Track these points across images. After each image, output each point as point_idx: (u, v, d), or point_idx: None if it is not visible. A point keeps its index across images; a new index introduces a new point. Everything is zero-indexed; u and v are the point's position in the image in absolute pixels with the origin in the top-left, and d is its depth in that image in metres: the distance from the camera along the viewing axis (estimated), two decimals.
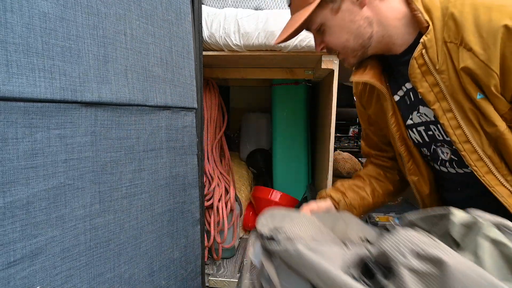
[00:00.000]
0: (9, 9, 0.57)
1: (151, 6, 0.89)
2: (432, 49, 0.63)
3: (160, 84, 0.93)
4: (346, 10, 0.67)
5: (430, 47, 0.63)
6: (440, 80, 0.64)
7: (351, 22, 0.68)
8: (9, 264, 0.59)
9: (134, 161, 0.86)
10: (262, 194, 1.68)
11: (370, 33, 0.69)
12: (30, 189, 0.62)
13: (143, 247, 0.90)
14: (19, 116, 0.60)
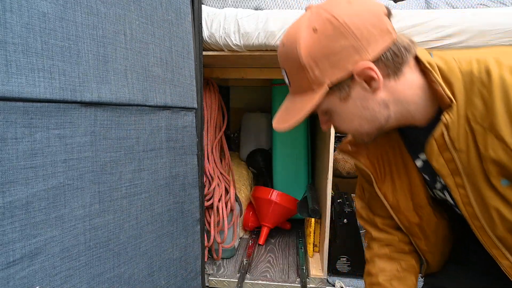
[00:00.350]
0: (8, 9, 0.57)
1: (151, 6, 0.89)
2: (454, 129, 0.56)
3: (160, 84, 0.93)
4: (357, 98, 0.59)
5: (453, 127, 0.56)
6: (457, 158, 0.58)
7: (364, 108, 0.60)
8: (9, 264, 0.59)
9: (134, 161, 0.86)
10: (262, 194, 1.68)
11: (387, 115, 0.61)
12: (29, 189, 0.62)
13: (143, 247, 0.90)
14: (18, 116, 0.60)
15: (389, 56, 0.56)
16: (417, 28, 1.12)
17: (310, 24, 0.56)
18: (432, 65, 0.57)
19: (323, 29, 0.55)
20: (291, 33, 0.59)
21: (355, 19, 0.54)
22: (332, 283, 1.35)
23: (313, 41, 0.56)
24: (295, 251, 1.62)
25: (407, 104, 0.60)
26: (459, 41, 1.10)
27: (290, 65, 0.60)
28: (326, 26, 0.55)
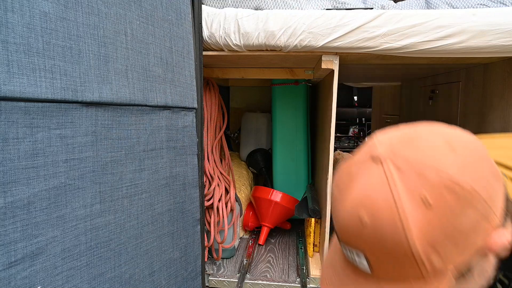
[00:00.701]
0: (10, 9, 0.57)
1: (151, 6, 0.89)
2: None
3: (160, 84, 0.93)
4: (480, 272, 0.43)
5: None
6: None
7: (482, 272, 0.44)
8: (10, 264, 0.59)
9: (134, 161, 0.86)
10: (262, 194, 1.68)
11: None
12: (31, 189, 0.62)
13: (143, 247, 0.90)
14: (20, 116, 0.60)
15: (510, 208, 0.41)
16: (417, 28, 1.12)
17: (413, 194, 0.38)
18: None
19: (443, 201, 0.37)
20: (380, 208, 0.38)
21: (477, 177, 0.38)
22: None
23: (428, 221, 0.37)
24: (295, 251, 1.62)
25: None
26: (459, 41, 1.10)
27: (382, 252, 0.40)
28: (444, 195, 0.37)
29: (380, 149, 0.40)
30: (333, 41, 1.16)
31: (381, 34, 1.13)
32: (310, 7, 1.29)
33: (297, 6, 1.28)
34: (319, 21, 1.15)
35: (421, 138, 0.41)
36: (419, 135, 0.41)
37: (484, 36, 1.09)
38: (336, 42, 1.16)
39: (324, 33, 1.15)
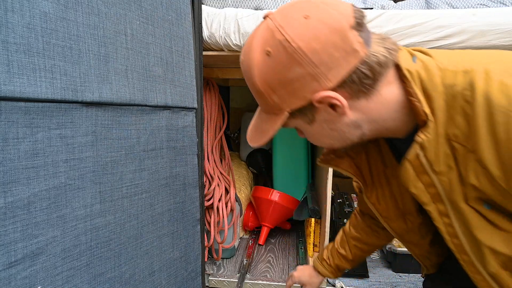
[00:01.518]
0: (10, 9, 0.57)
1: (151, 6, 0.89)
2: (431, 149, 0.50)
3: (160, 84, 0.93)
4: (324, 121, 0.53)
5: (429, 147, 0.50)
6: (438, 181, 0.51)
7: (332, 130, 0.55)
8: (10, 264, 0.59)
9: (134, 161, 0.86)
10: (262, 194, 1.68)
11: (359, 134, 0.55)
12: (31, 189, 0.62)
13: (143, 247, 0.90)
14: (20, 116, 0.60)
15: (355, 79, 0.48)
16: (417, 28, 1.12)
17: (264, 45, 0.49)
18: (412, 73, 0.50)
19: (277, 54, 0.48)
20: (246, 52, 0.53)
21: (313, 42, 0.46)
22: (332, 283, 1.35)
23: (267, 67, 0.50)
24: (295, 251, 1.62)
25: (383, 122, 0.53)
26: (459, 41, 1.10)
27: (250, 86, 0.56)
28: (279, 51, 0.48)
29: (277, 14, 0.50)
30: None
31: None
32: None
33: None
34: None
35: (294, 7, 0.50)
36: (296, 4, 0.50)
37: (484, 36, 1.09)
38: None
39: None
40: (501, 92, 0.42)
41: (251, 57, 0.51)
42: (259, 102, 0.58)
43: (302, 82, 0.48)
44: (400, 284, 1.34)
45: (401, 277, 1.39)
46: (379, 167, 0.67)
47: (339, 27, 0.46)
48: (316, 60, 0.46)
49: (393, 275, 1.42)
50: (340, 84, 0.48)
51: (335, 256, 0.94)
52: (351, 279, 1.37)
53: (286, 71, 0.48)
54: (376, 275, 1.41)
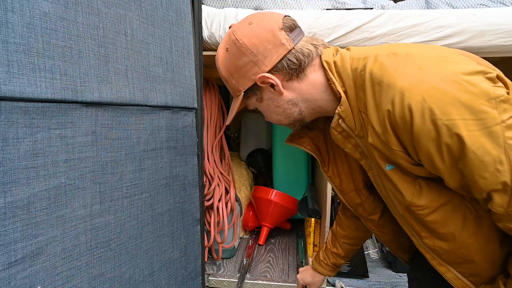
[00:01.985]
0: (10, 9, 0.57)
1: (151, 6, 0.89)
2: (348, 118, 0.64)
3: (160, 84, 0.93)
4: (268, 99, 0.71)
5: (346, 117, 0.64)
6: (361, 143, 0.66)
7: (276, 107, 0.71)
8: (10, 264, 0.59)
9: (134, 161, 0.86)
10: (262, 194, 1.68)
11: (298, 111, 0.71)
12: (31, 189, 0.62)
13: (143, 247, 0.90)
14: (20, 116, 0.60)
15: (285, 64, 0.65)
16: (417, 28, 1.12)
17: (225, 44, 0.70)
18: (329, 63, 0.65)
19: (231, 49, 0.68)
20: (217, 52, 0.73)
21: (253, 38, 0.65)
22: (332, 283, 1.35)
23: (226, 59, 0.70)
24: (295, 251, 1.62)
25: (315, 100, 0.69)
26: (459, 41, 1.10)
27: (220, 75, 0.74)
28: (232, 47, 0.68)
29: (235, 25, 0.70)
30: (333, 41, 1.16)
31: (381, 34, 1.13)
32: (310, 7, 1.29)
33: (297, 6, 1.28)
34: (319, 21, 1.15)
35: (245, 18, 0.70)
36: (247, 17, 0.70)
37: (484, 36, 1.09)
38: (336, 42, 1.16)
39: (324, 33, 1.15)
40: (379, 68, 0.57)
41: (218, 54, 0.73)
42: (228, 88, 0.75)
43: (248, 67, 0.67)
44: (400, 284, 1.34)
45: (401, 277, 1.39)
46: (334, 145, 0.80)
47: (270, 28, 0.66)
48: (255, 51, 0.66)
49: (393, 275, 1.42)
50: (274, 68, 0.66)
51: (329, 255, 1.05)
52: (351, 279, 1.37)
53: (237, 60, 0.68)
54: (376, 275, 1.41)
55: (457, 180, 0.56)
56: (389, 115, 0.55)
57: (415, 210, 0.63)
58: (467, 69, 0.53)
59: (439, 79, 0.52)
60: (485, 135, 0.50)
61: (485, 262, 0.62)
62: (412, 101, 0.52)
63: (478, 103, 0.50)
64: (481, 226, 0.61)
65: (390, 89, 0.55)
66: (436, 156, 0.54)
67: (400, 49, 0.60)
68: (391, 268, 1.46)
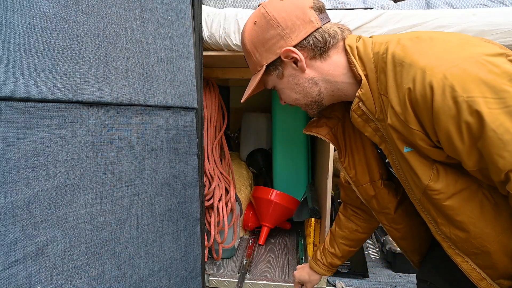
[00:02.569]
0: (10, 9, 0.57)
1: (151, 6, 0.89)
2: (369, 101, 0.65)
3: (160, 84, 0.93)
4: (290, 75, 0.71)
5: (366, 100, 0.65)
6: (381, 127, 0.66)
7: (296, 84, 0.72)
8: (10, 264, 0.59)
9: (134, 161, 0.86)
10: (262, 194, 1.68)
11: (317, 91, 0.72)
12: (31, 189, 0.62)
13: (143, 247, 0.90)
14: (20, 116, 0.60)
15: (311, 41, 0.67)
16: (417, 28, 1.12)
17: (253, 18, 0.71)
18: (352, 47, 0.66)
19: (259, 22, 0.69)
20: (244, 26, 0.74)
21: (283, 13, 0.67)
22: (332, 283, 1.35)
23: (254, 31, 0.71)
24: (295, 251, 1.62)
25: (335, 82, 0.70)
26: None
27: (244, 51, 0.75)
28: (261, 20, 0.69)
29: (265, 1, 0.71)
30: None
31: (381, 34, 1.13)
32: None
33: None
34: None
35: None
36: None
37: (484, 36, 1.09)
38: None
39: None
40: (402, 50, 0.58)
41: (244, 28, 0.74)
42: (249, 64, 0.76)
43: (274, 40, 0.68)
44: (400, 284, 1.34)
45: (401, 277, 1.40)
46: (356, 136, 0.81)
47: (301, 5, 0.67)
48: (284, 24, 0.67)
49: (393, 275, 1.42)
50: (299, 44, 0.67)
51: (327, 255, 1.06)
52: (351, 279, 1.37)
53: (264, 33, 0.69)
54: (376, 275, 1.41)
55: (475, 161, 0.55)
56: (410, 93, 0.56)
57: (431, 194, 0.62)
58: (490, 51, 0.53)
59: (462, 59, 0.53)
60: (506, 114, 0.50)
61: (502, 254, 0.61)
62: (433, 79, 0.53)
63: (500, 83, 0.50)
64: (499, 216, 0.60)
65: (412, 68, 0.55)
66: (456, 135, 0.54)
67: (423, 33, 0.61)
68: (391, 268, 1.46)
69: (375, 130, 0.69)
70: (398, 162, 0.67)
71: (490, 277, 0.63)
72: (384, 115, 0.63)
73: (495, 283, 0.63)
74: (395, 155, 0.67)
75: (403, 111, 0.58)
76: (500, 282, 0.63)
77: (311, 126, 0.84)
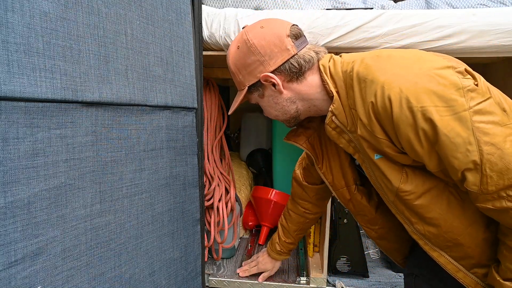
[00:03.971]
0: (10, 9, 0.57)
1: (151, 6, 0.89)
2: (340, 115, 0.71)
3: (160, 84, 0.93)
4: (269, 96, 0.79)
5: (339, 114, 0.71)
6: (353, 138, 0.72)
7: (276, 103, 0.80)
8: (10, 264, 0.59)
9: (134, 161, 0.86)
10: (262, 194, 1.68)
11: (295, 108, 0.79)
12: (31, 189, 0.62)
13: (143, 247, 0.90)
14: (20, 116, 0.60)
15: (287, 67, 0.74)
16: (417, 28, 1.12)
17: (237, 43, 0.78)
18: (325, 66, 0.74)
19: (242, 47, 0.76)
20: (229, 48, 0.81)
21: (262, 41, 0.74)
22: (332, 283, 1.35)
23: (236, 55, 0.78)
24: (295, 251, 1.62)
25: (311, 100, 0.77)
26: (459, 41, 1.10)
27: (229, 71, 0.82)
28: (243, 45, 0.76)
29: (248, 26, 0.78)
30: (333, 41, 1.16)
31: (381, 34, 1.13)
32: (310, 7, 1.29)
33: (297, 6, 1.28)
34: (319, 21, 1.15)
35: (257, 22, 0.78)
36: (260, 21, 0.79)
37: (484, 36, 1.09)
38: (336, 42, 1.16)
39: (324, 33, 1.15)
40: (364, 68, 0.65)
41: (229, 50, 0.81)
42: (234, 81, 0.83)
43: (254, 66, 0.75)
44: (400, 284, 1.34)
45: (401, 277, 1.39)
46: (331, 144, 0.87)
47: (279, 34, 0.74)
48: (263, 52, 0.74)
49: (393, 275, 1.42)
50: (277, 69, 0.74)
51: (285, 245, 1.22)
52: (351, 279, 1.37)
53: (246, 58, 0.76)
54: (376, 275, 1.41)
55: (435, 163, 0.62)
56: (373, 106, 0.62)
57: (403, 195, 0.68)
58: (439, 65, 0.60)
59: (415, 74, 0.60)
60: (455, 120, 0.57)
61: (473, 245, 0.67)
62: (391, 92, 0.59)
63: (448, 93, 0.57)
64: (465, 210, 0.66)
65: (373, 84, 0.62)
66: (415, 141, 0.60)
67: (383, 52, 0.68)
68: (391, 268, 1.46)
69: (348, 142, 0.75)
70: (371, 170, 0.74)
71: (465, 268, 0.69)
72: (355, 127, 0.69)
73: (470, 272, 0.69)
74: (368, 163, 0.73)
75: (369, 122, 0.64)
76: (475, 271, 0.69)
77: (290, 135, 0.92)
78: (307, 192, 1.10)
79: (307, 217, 1.15)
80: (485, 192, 0.58)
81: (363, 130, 0.67)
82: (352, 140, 0.73)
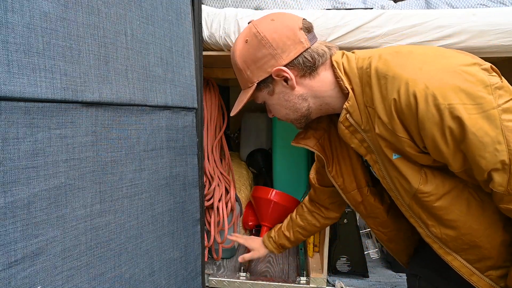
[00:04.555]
0: (10, 9, 0.57)
1: (151, 6, 0.89)
2: (355, 113, 0.68)
3: (160, 84, 0.93)
4: (280, 92, 0.74)
5: (353, 112, 0.68)
6: (367, 137, 0.70)
7: (286, 101, 0.75)
8: (10, 264, 0.59)
9: (134, 161, 0.86)
10: (262, 194, 1.68)
11: (306, 106, 0.75)
12: (31, 189, 0.62)
13: (143, 247, 0.90)
14: (20, 116, 0.60)
15: (301, 61, 0.70)
16: (417, 28, 1.12)
17: (244, 37, 0.73)
18: (338, 62, 0.70)
19: (251, 41, 0.71)
20: (234, 44, 0.76)
21: (274, 34, 0.69)
22: (332, 283, 1.35)
23: (245, 50, 0.73)
24: (295, 251, 1.62)
25: (323, 97, 0.73)
26: (459, 41, 1.10)
27: (234, 68, 0.77)
28: (253, 39, 0.71)
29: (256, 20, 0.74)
30: (333, 41, 1.16)
31: (381, 34, 1.13)
32: (309, 7, 1.29)
33: (296, 6, 1.28)
34: (319, 21, 1.15)
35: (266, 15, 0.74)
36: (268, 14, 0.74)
37: (484, 36, 1.09)
38: (336, 42, 1.16)
39: (324, 33, 1.15)
40: (384, 64, 0.62)
41: (235, 45, 0.75)
42: (239, 79, 0.79)
43: (265, 60, 0.71)
44: (400, 284, 1.35)
45: (401, 277, 1.40)
46: (342, 146, 0.84)
47: (291, 26, 0.70)
48: (275, 45, 0.69)
49: (393, 275, 1.42)
50: (290, 63, 0.70)
51: (281, 236, 1.16)
52: (351, 279, 1.37)
53: (256, 52, 0.71)
54: (376, 275, 1.41)
55: (460, 163, 0.59)
56: (395, 104, 0.59)
57: (421, 197, 0.66)
58: (464, 61, 0.58)
59: (440, 70, 0.57)
60: (484, 118, 0.54)
61: (490, 247, 0.65)
62: (416, 89, 0.56)
63: (476, 90, 0.55)
64: (484, 211, 0.64)
65: (396, 80, 0.59)
66: (440, 140, 0.58)
67: (403, 48, 0.65)
68: (391, 268, 1.46)
69: (361, 142, 0.72)
70: (385, 171, 0.71)
71: (479, 271, 0.67)
72: (370, 126, 0.67)
73: (484, 275, 0.67)
74: (382, 163, 0.70)
75: (390, 120, 0.61)
76: (489, 273, 0.67)
77: (298, 138, 0.88)
78: (320, 194, 1.06)
79: (317, 218, 1.10)
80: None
81: (382, 128, 0.64)
82: (365, 140, 0.70)
